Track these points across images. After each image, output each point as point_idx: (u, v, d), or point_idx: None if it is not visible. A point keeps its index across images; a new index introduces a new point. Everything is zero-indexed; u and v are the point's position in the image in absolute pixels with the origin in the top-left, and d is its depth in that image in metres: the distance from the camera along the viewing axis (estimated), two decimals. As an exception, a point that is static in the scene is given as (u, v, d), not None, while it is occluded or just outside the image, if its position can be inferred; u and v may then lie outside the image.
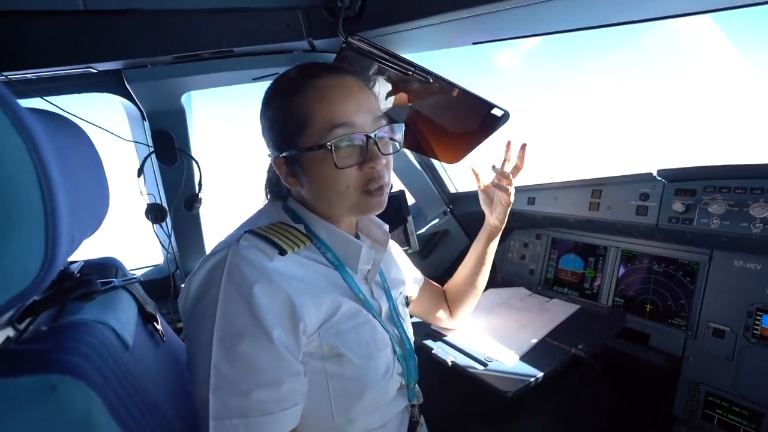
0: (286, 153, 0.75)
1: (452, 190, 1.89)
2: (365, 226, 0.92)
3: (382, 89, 1.16)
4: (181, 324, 1.40)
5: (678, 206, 1.22)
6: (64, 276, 0.71)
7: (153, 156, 1.33)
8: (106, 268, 0.83)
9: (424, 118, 1.25)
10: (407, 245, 1.62)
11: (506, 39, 1.06)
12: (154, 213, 1.39)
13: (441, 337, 1.26)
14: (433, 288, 1.22)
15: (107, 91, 1.16)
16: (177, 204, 1.42)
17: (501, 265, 1.92)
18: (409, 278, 1.09)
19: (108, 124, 1.14)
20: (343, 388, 0.73)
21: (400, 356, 0.84)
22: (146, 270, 1.63)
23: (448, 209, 1.87)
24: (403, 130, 0.79)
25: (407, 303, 0.98)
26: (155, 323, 0.81)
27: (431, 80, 1.09)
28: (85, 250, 0.68)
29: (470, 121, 1.20)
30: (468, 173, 1.27)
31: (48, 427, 0.43)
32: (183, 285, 0.71)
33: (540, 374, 1.05)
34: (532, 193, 1.64)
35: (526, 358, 1.14)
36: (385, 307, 0.86)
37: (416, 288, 1.14)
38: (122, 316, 0.69)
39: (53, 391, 0.44)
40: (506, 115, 1.15)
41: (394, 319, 0.88)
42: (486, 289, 1.58)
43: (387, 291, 0.89)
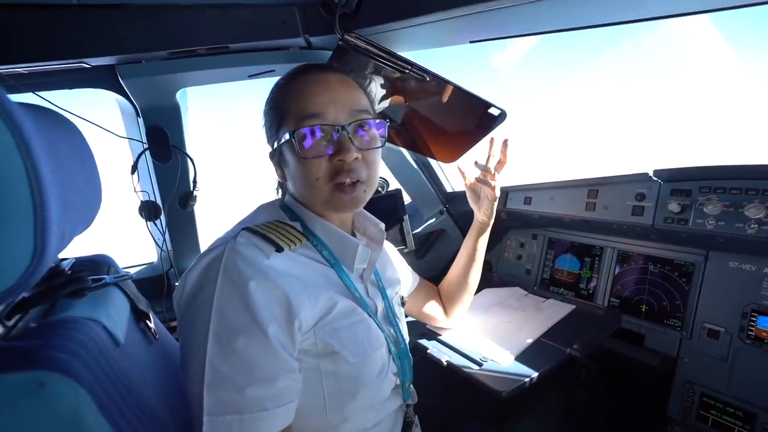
0: (273, 146, 0.79)
1: (449, 190, 1.88)
2: (361, 224, 0.92)
3: (378, 87, 1.15)
4: (174, 323, 1.41)
5: (674, 206, 1.23)
6: (54, 272, 0.70)
7: (147, 153, 1.32)
8: (97, 265, 0.82)
9: (421, 116, 1.24)
10: (403, 244, 1.62)
11: (503, 38, 1.06)
12: (148, 210, 1.38)
13: (436, 337, 1.26)
14: (428, 287, 1.22)
15: (100, 86, 1.15)
16: (171, 201, 1.41)
17: (497, 264, 1.92)
18: (405, 278, 1.08)
19: (101, 120, 1.13)
20: (337, 387, 0.72)
21: (395, 356, 0.83)
22: (140, 268, 1.62)
23: (445, 209, 1.87)
24: (385, 125, 0.78)
25: (403, 303, 0.98)
26: (147, 321, 0.81)
27: (428, 78, 1.09)
28: (77, 248, 0.67)
29: (467, 120, 1.20)
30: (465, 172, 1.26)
31: (36, 424, 0.43)
32: (178, 282, 0.71)
33: (535, 374, 1.05)
34: (528, 192, 1.64)
35: (522, 358, 1.14)
36: (380, 306, 0.86)
37: (412, 288, 1.14)
38: (113, 314, 0.68)
39: (42, 388, 0.43)
40: (503, 114, 1.15)
41: (390, 318, 0.88)
42: (482, 289, 1.58)
43: (382, 290, 0.89)
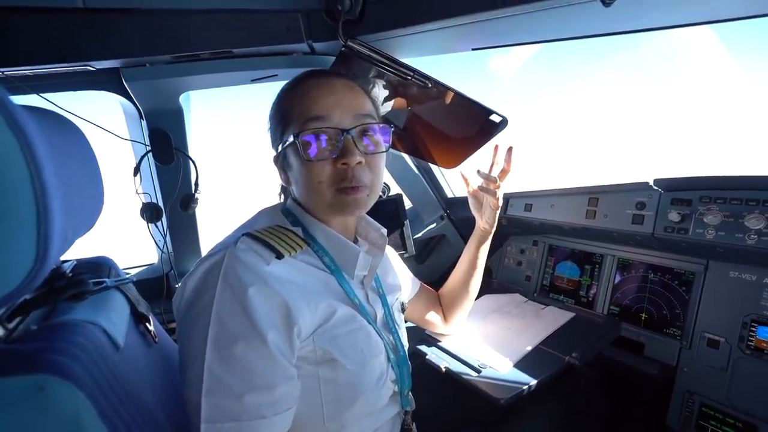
0: (277, 150, 0.78)
1: (450, 195, 1.89)
2: (363, 229, 0.92)
3: (380, 93, 1.16)
4: (173, 325, 1.40)
5: (674, 216, 1.23)
6: (56, 275, 0.70)
7: (150, 155, 1.32)
8: (99, 267, 0.82)
9: (423, 122, 1.25)
10: (404, 249, 1.62)
11: (505, 45, 1.07)
12: (150, 212, 1.38)
13: (435, 343, 1.26)
14: (428, 293, 1.22)
15: (105, 89, 1.15)
16: (173, 204, 1.42)
17: (497, 271, 1.92)
18: (406, 284, 1.08)
19: (105, 122, 1.13)
20: (335, 394, 0.72)
21: (394, 363, 0.83)
22: (140, 269, 1.62)
23: (445, 214, 1.87)
24: (390, 131, 0.77)
25: (403, 309, 0.98)
26: (147, 324, 0.81)
27: (430, 85, 1.10)
28: (78, 249, 0.68)
29: (469, 126, 1.20)
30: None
31: (35, 428, 0.43)
32: (178, 286, 0.71)
33: (534, 382, 1.04)
34: (529, 199, 1.65)
35: (520, 365, 1.14)
36: (380, 313, 0.86)
37: (412, 293, 1.14)
38: (114, 317, 0.68)
39: (41, 391, 0.43)
40: (505, 121, 1.15)
41: (390, 325, 0.87)
42: (481, 295, 1.58)
43: (383, 297, 0.88)
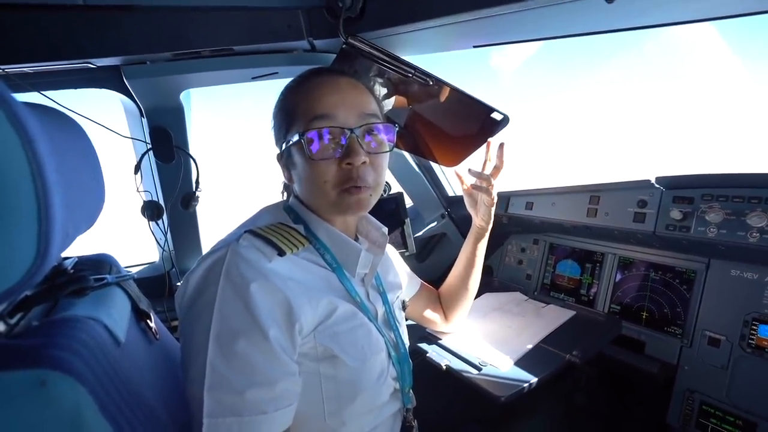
0: (281, 148, 0.78)
1: (450, 193, 1.88)
2: (363, 227, 0.92)
3: (381, 90, 1.16)
4: (175, 322, 1.41)
5: (675, 214, 1.23)
6: (57, 271, 0.70)
7: (150, 153, 1.32)
8: (100, 264, 0.82)
9: (424, 120, 1.25)
10: (404, 248, 1.62)
11: (506, 43, 1.07)
12: (151, 210, 1.38)
13: (436, 341, 1.26)
14: (429, 291, 1.22)
15: (105, 86, 1.15)
16: (174, 202, 1.42)
17: (498, 269, 1.92)
18: (407, 282, 1.08)
19: (106, 120, 1.14)
20: (336, 390, 0.72)
21: (395, 360, 0.83)
22: (141, 267, 1.63)
23: (446, 212, 1.87)
24: (394, 130, 0.77)
25: (404, 307, 0.98)
26: (148, 321, 0.81)
27: (431, 82, 1.10)
28: (79, 246, 0.68)
29: (470, 124, 1.20)
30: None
31: (36, 423, 0.43)
32: (180, 283, 0.71)
33: (534, 380, 1.05)
34: (530, 198, 1.65)
35: (521, 363, 1.14)
36: (381, 310, 0.86)
37: (413, 292, 1.14)
38: (115, 313, 0.68)
39: (42, 386, 0.43)
40: (506, 119, 1.15)
41: (391, 322, 0.88)
42: (482, 294, 1.58)
43: (383, 294, 0.89)
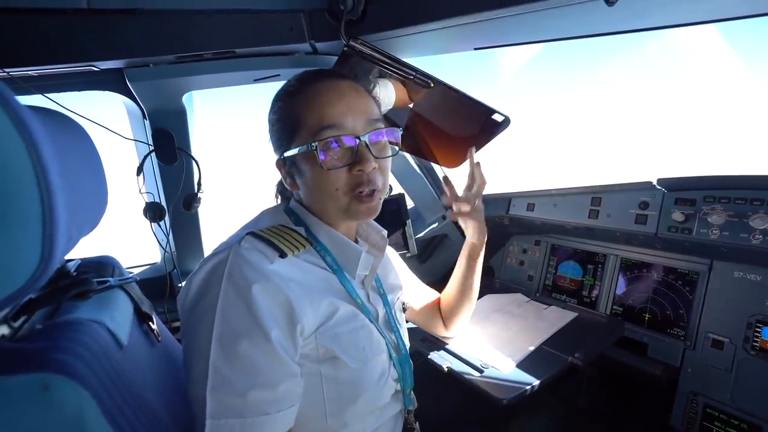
0: (284, 156, 0.77)
1: (452, 195, 1.88)
2: (363, 230, 0.92)
3: (387, 92, 1.16)
4: (175, 323, 1.41)
5: (677, 216, 1.22)
6: (60, 274, 0.71)
7: (153, 155, 1.33)
8: (102, 266, 0.82)
9: (425, 121, 1.25)
10: (406, 249, 1.62)
11: (507, 45, 1.07)
12: (153, 212, 1.38)
13: (437, 343, 1.26)
14: (431, 296, 1.20)
15: (108, 89, 1.16)
16: (176, 203, 1.42)
17: (499, 270, 1.92)
18: (407, 285, 1.08)
19: (108, 122, 1.14)
20: (337, 392, 0.73)
21: (395, 362, 0.83)
22: (143, 269, 1.63)
23: (447, 213, 1.87)
24: (399, 133, 0.78)
25: (404, 309, 0.98)
26: (150, 323, 0.81)
27: (432, 84, 1.10)
28: (82, 248, 0.68)
29: (471, 125, 1.20)
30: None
31: (40, 427, 0.43)
32: (183, 284, 0.71)
33: (536, 382, 1.04)
34: (531, 199, 1.64)
35: (523, 365, 1.13)
36: (381, 312, 0.86)
37: (414, 296, 1.14)
38: (117, 316, 0.69)
39: (46, 390, 0.43)
40: (507, 121, 1.15)
41: (392, 324, 0.88)
42: (483, 295, 1.58)
43: (383, 296, 0.89)
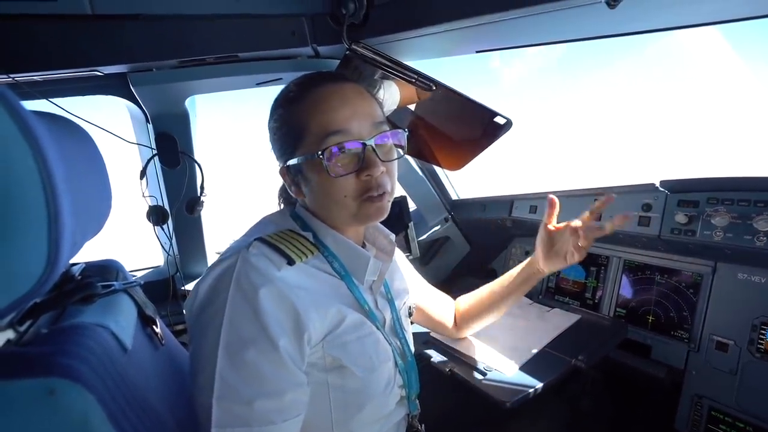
0: (288, 163, 0.75)
1: (454, 197, 1.88)
2: (371, 234, 0.91)
3: (391, 96, 1.16)
4: (179, 326, 1.41)
5: (681, 218, 1.22)
6: (65, 278, 0.71)
7: (156, 158, 1.33)
8: (107, 270, 0.83)
9: (427, 124, 1.25)
10: (408, 251, 1.62)
11: (509, 48, 1.07)
12: (156, 215, 1.39)
13: (440, 345, 1.25)
14: (439, 296, 1.19)
15: (112, 93, 1.17)
16: (179, 207, 1.43)
17: (501, 272, 1.90)
18: (414, 287, 1.07)
19: (112, 126, 1.15)
20: (343, 400, 0.72)
21: (401, 368, 0.83)
22: (146, 272, 1.64)
23: (450, 216, 1.87)
24: (405, 135, 0.77)
25: (410, 314, 0.97)
26: (154, 326, 0.81)
27: (434, 87, 1.10)
28: (86, 251, 0.68)
29: (473, 128, 1.20)
30: (469, 179, 1.26)
31: (45, 431, 0.43)
32: (187, 288, 0.71)
33: (539, 385, 1.04)
34: (534, 201, 1.64)
35: (526, 368, 1.13)
36: (388, 318, 0.85)
37: (421, 297, 1.12)
38: (122, 319, 0.69)
39: (51, 394, 0.44)
40: (509, 123, 1.15)
41: (397, 330, 0.87)
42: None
43: (391, 301, 0.88)
